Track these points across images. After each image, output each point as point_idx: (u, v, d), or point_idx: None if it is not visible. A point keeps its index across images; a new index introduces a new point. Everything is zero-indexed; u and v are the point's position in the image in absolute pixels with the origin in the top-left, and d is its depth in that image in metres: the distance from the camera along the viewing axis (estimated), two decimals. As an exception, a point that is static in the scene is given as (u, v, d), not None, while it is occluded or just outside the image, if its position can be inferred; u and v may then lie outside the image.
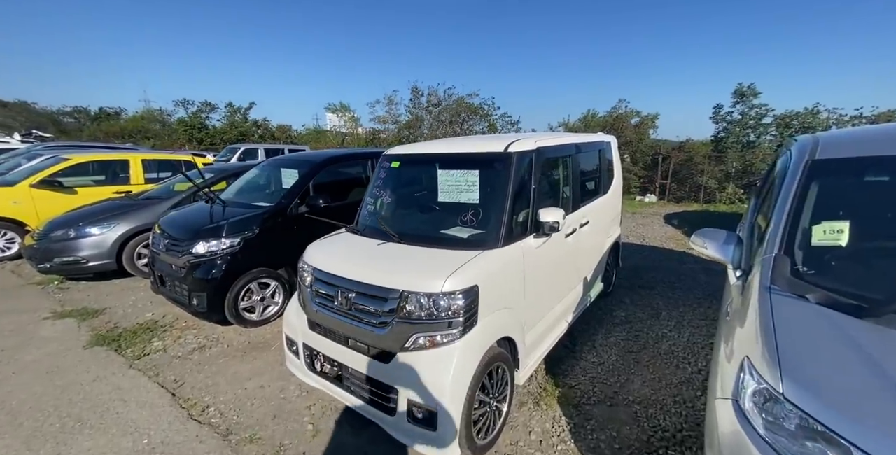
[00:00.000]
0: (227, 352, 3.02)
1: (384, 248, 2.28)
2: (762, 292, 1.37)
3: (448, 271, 1.91)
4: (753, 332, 1.27)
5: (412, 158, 2.76)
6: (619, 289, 4.18)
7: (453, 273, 1.90)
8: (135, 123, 28.34)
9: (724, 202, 11.42)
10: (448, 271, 1.91)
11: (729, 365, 1.34)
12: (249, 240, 3.37)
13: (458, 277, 1.89)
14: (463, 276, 1.90)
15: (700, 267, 4.98)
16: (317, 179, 4.02)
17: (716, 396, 1.32)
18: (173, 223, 3.58)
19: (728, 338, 1.49)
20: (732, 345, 1.40)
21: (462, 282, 1.89)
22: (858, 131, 2.86)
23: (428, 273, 1.94)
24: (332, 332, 2.19)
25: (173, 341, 3.14)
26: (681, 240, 6.54)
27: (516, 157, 2.34)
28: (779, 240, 1.53)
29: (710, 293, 4.07)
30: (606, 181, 3.73)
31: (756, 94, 12.60)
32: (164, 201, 4.82)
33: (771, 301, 1.32)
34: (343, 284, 2.12)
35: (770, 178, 2.79)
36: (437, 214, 2.54)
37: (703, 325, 3.33)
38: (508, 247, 2.20)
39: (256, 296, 3.46)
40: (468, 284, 1.90)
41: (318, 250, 2.46)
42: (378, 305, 1.98)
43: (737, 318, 1.50)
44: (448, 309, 1.87)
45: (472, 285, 1.92)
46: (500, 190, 2.29)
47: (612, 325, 3.39)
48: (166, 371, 2.72)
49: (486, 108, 16.42)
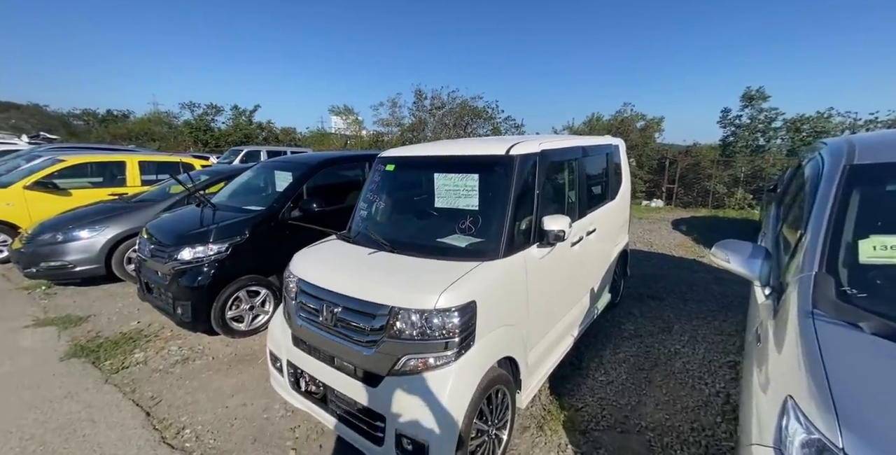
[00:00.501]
0: (212, 365, 2.85)
1: (375, 259, 2.11)
2: (803, 318, 1.18)
3: (443, 285, 1.73)
4: (796, 365, 1.08)
5: (408, 161, 2.59)
6: (626, 299, 3.97)
7: (448, 287, 1.72)
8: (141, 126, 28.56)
9: (734, 208, 11.16)
10: (443, 285, 1.73)
11: (766, 402, 1.14)
12: (238, 246, 3.21)
13: (453, 292, 1.71)
14: (459, 291, 1.73)
15: (712, 277, 4.75)
16: (311, 183, 3.87)
17: (751, 441, 1.12)
18: (160, 228, 3.43)
19: (761, 367, 1.30)
20: (768, 378, 1.21)
21: (458, 297, 1.71)
22: (892, 133, 2.65)
23: (420, 287, 1.76)
24: (317, 350, 2.01)
25: (156, 353, 2.98)
26: (690, 247, 6.31)
27: (519, 161, 2.16)
28: (818, 255, 1.34)
29: (724, 305, 3.85)
30: (614, 186, 3.55)
31: (765, 98, 12.36)
32: (157, 204, 4.69)
33: (815, 329, 1.12)
34: (328, 298, 1.95)
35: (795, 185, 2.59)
36: (434, 222, 2.37)
37: (719, 340, 3.12)
38: (510, 257, 2.02)
39: (245, 304, 3.29)
40: (465, 300, 1.72)
41: (304, 259, 2.29)
42: (365, 322, 1.81)
43: (771, 346, 1.30)
44: (442, 328, 1.69)
45: (470, 301, 1.74)
46: (502, 196, 2.12)
47: (620, 339, 3.18)
48: (144, 386, 2.55)
49: (489, 112, 16.29)
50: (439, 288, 1.72)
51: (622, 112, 17.94)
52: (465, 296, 1.74)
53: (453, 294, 1.71)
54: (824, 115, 12.05)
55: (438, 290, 1.71)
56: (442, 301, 1.68)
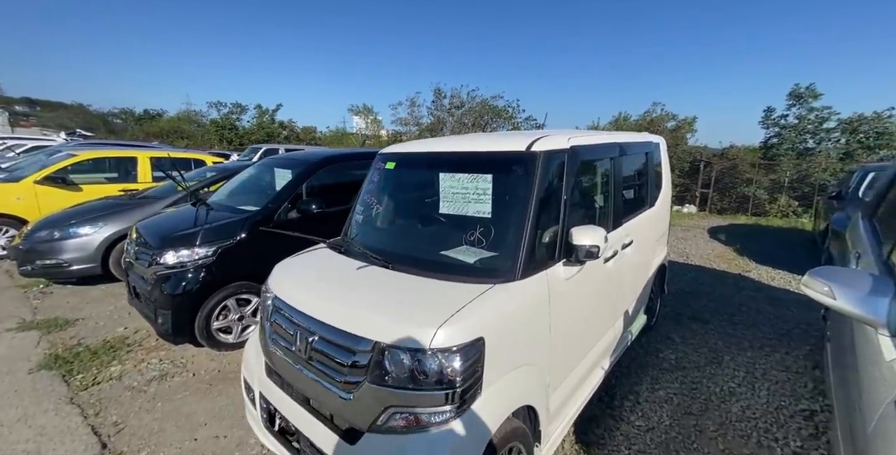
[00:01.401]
0: (190, 383, 2.56)
1: (364, 275, 1.73)
2: None
3: (441, 316, 1.34)
4: None
5: (411, 158, 2.21)
6: (664, 321, 3.46)
7: (449, 319, 1.32)
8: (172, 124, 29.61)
9: (776, 215, 10.22)
10: (441, 316, 1.34)
11: None
12: (228, 249, 2.92)
13: (455, 326, 1.31)
14: (463, 325, 1.33)
15: (763, 295, 4.15)
16: (312, 182, 3.56)
17: None
18: (148, 228, 3.19)
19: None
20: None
21: (461, 333, 1.31)
22: None
23: (413, 317, 1.37)
24: (290, 386, 1.66)
25: (134, 366, 2.72)
26: (732, 259, 5.65)
27: (542, 159, 1.74)
28: None
29: (783, 333, 3.27)
30: (654, 191, 3.05)
31: (816, 96, 11.32)
32: (159, 201, 4.51)
33: None
34: (304, 322, 1.59)
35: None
36: (438, 230, 1.98)
37: (785, 379, 2.58)
38: (529, 279, 1.60)
39: (234, 314, 3.00)
40: (470, 337, 1.32)
41: (283, 272, 1.95)
42: (343, 357, 1.43)
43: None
44: (440, 373, 1.30)
45: (476, 338, 1.34)
46: (520, 201, 1.71)
47: (659, 371, 2.69)
48: (111, 408, 2.27)
49: (510, 111, 15.78)
50: (437, 320, 1.33)
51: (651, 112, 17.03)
52: (471, 331, 1.34)
53: (455, 329, 1.31)
54: (883, 116, 10.90)
55: (436, 323, 1.31)
56: (440, 338, 1.29)
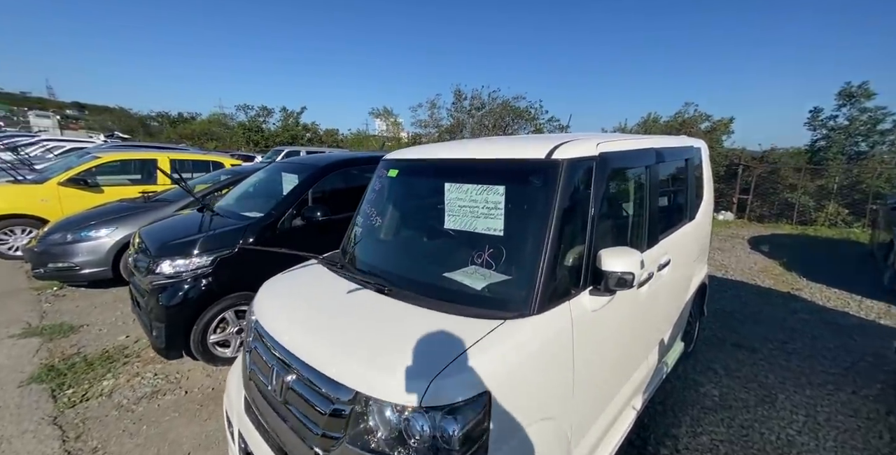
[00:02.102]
0: (182, 402, 2.41)
1: (354, 302, 1.50)
2: None
3: (437, 364, 1.08)
4: None
5: (413, 165, 1.96)
6: (704, 346, 3.06)
7: (446, 369, 1.07)
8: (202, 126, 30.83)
9: (825, 224, 9.35)
10: (437, 364, 1.08)
11: None
12: (227, 259, 2.77)
13: (453, 378, 1.06)
14: (463, 376, 1.07)
15: (818, 319, 3.65)
16: (320, 187, 3.39)
17: None
18: (151, 234, 3.09)
19: None
20: None
21: (460, 387, 1.06)
22: None
23: (402, 364, 1.12)
24: (265, 430, 1.44)
25: (127, 380, 2.60)
26: (779, 275, 5.10)
27: (565, 168, 1.46)
28: None
29: (846, 366, 2.81)
30: (694, 201, 2.68)
31: (869, 95, 10.35)
32: (172, 204, 4.49)
33: None
34: (283, 357, 1.37)
35: None
36: (440, 249, 1.73)
37: (854, 426, 2.16)
38: (549, 313, 1.33)
39: (232, 327, 2.85)
40: (471, 392, 1.06)
41: (269, 293, 1.75)
42: (322, 405, 1.20)
43: None
44: (432, 437, 1.04)
45: (479, 393, 1.07)
46: (538, 218, 1.43)
47: (700, 410, 2.33)
48: (93, 431, 2.14)
49: (532, 112, 15.34)
50: (432, 369, 1.07)
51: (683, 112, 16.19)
52: (474, 383, 1.07)
53: (454, 381, 1.06)
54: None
55: (430, 374, 1.06)
56: (435, 393, 1.03)
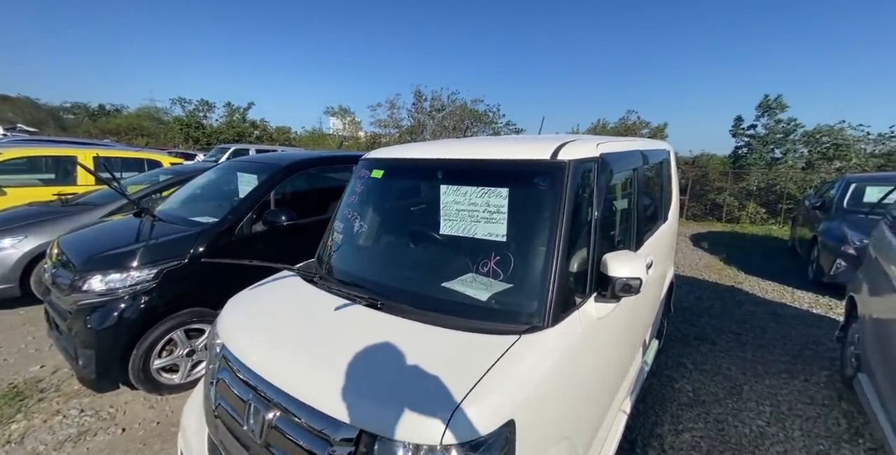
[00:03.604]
0: (118, 443, 2.02)
1: (343, 320, 1.32)
2: None
3: (457, 392, 0.95)
4: None
5: (404, 165, 1.81)
6: (671, 342, 3.20)
7: (468, 396, 0.94)
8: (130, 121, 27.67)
9: (747, 222, 10.50)
10: (457, 392, 0.95)
11: None
12: (173, 271, 2.40)
13: (475, 407, 0.93)
14: (486, 405, 0.95)
15: (762, 310, 4.00)
16: (283, 188, 3.09)
17: None
18: (74, 243, 2.60)
19: None
20: None
21: (485, 417, 0.93)
22: None
23: (414, 393, 0.97)
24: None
25: (44, 420, 2.14)
26: (721, 269, 5.57)
27: (571, 169, 1.40)
28: None
29: (794, 354, 3.09)
30: (667, 203, 2.80)
31: (784, 108, 11.79)
32: (98, 208, 3.87)
33: None
34: (261, 389, 1.16)
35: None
36: (438, 257, 1.60)
37: (814, 414, 2.34)
38: (563, 324, 1.25)
39: (181, 349, 2.47)
40: (497, 422, 0.94)
41: (237, 311, 1.50)
42: (317, 448, 1.01)
43: None
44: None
45: (506, 423, 0.96)
46: (547, 221, 1.36)
47: (678, 407, 2.40)
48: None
49: (490, 116, 15.66)
50: (449, 398, 0.94)
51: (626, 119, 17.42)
52: (500, 412, 0.96)
53: (477, 411, 0.93)
54: (835, 128, 11.50)
55: (450, 404, 0.93)
56: (455, 427, 0.90)
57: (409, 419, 0.92)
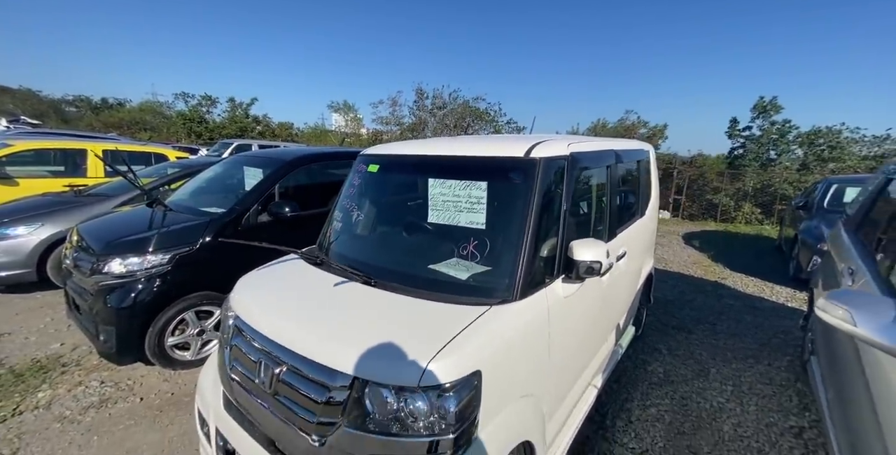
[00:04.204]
0: (136, 410, 2.24)
1: (341, 294, 1.52)
2: None
3: (432, 348, 1.15)
4: None
5: (396, 161, 2.01)
6: (649, 330, 3.41)
7: (441, 351, 1.14)
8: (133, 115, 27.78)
9: (742, 222, 10.68)
10: (432, 348, 1.15)
11: None
12: (186, 257, 2.61)
13: (447, 359, 1.13)
14: (457, 357, 1.15)
15: (741, 304, 4.21)
16: (287, 182, 3.29)
17: None
18: (93, 230, 2.81)
19: None
20: None
21: (455, 367, 1.14)
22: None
23: (398, 348, 1.18)
24: (251, 424, 1.42)
25: (68, 390, 2.36)
26: (708, 266, 5.78)
27: (542, 166, 1.60)
28: None
29: (763, 342, 3.30)
30: (644, 199, 3.00)
31: (778, 110, 11.95)
32: (109, 199, 4.08)
33: None
34: (270, 350, 1.36)
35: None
36: (425, 242, 1.80)
37: (771, 393, 2.56)
38: (528, 299, 1.45)
39: (192, 328, 2.68)
40: (465, 371, 1.15)
41: (248, 288, 1.70)
42: (316, 394, 1.22)
43: None
44: (430, 415, 1.11)
45: (472, 372, 1.16)
46: (518, 211, 1.55)
47: (648, 385, 2.62)
48: (33, 446, 1.93)
49: (491, 114, 15.79)
50: (427, 352, 1.14)
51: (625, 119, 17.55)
52: (466, 364, 1.16)
53: (448, 362, 1.13)
54: (833, 130, 11.66)
55: (426, 356, 1.13)
56: (431, 374, 1.10)
57: (393, 367, 1.13)
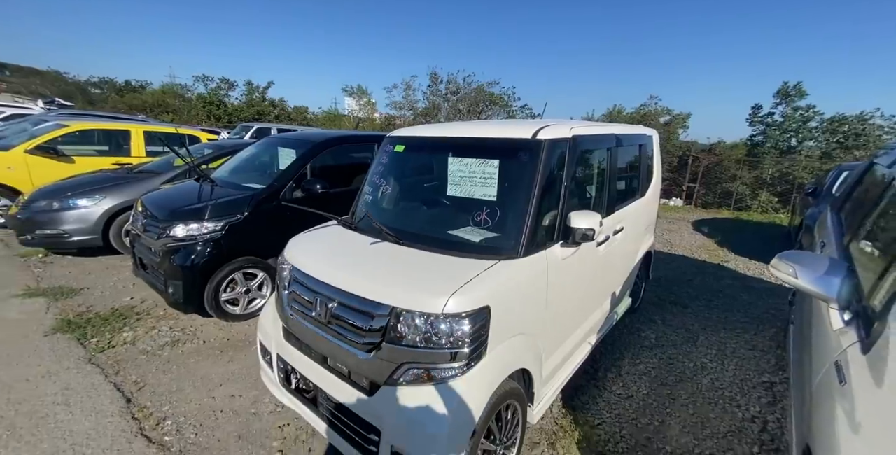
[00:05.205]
0: (202, 349, 2.69)
1: (377, 250, 1.87)
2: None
3: (453, 286, 1.49)
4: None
5: (420, 142, 2.31)
6: (647, 305, 3.70)
7: (459, 289, 1.48)
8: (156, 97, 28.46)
9: (757, 211, 10.63)
10: (453, 286, 1.49)
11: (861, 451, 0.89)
12: (235, 225, 3.01)
13: (464, 296, 1.47)
14: (471, 295, 1.48)
15: (739, 284, 4.44)
16: (316, 162, 3.63)
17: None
18: (155, 201, 3.24)
19: (852, 415, 1.03)
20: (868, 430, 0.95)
21: (470, 301, 1.47)
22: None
23: (426, 287, 1.52)
24: (309, 347, 1.81)
25: (145, 332, 2.83)
26: (714, 250, 5.96)
27: (547, 147, 1.88)
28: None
29: (754, 316, 3.56)
30: (645, 181, 3.23)
31: (803, 95, 11.59)
32: (158, 176, 4.51)
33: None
34: (323, 290, 1.73)
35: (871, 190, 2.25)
36: (445, 212, 2.11)
37: (751, 356, 2.85)
38: (530, 257, 1.76)
39: (241, 287, 3.11)
40: (477, 305, 1.48)
41: (299, 245, 2.07)
42: (363, 322, 1.58)
43: (869, 389, 1.04)
44: (450, 335, 1.46)
45: (483, 306, 1.50)
46: (524, 185, 1.84)
47: (640, 348, 2.94)
48: (129, 369, 2.40)
49: (506, 98, 15.71)
50: (448, 289, 1.48)
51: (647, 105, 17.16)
52: (478, 300, 1.50)
53: (464, 297, 1.47)
54: (865, 117, 11.27)
55: (447, 292, 1.47)
56: (451, 305, 1.44)
57: (423, 300, 1.47)
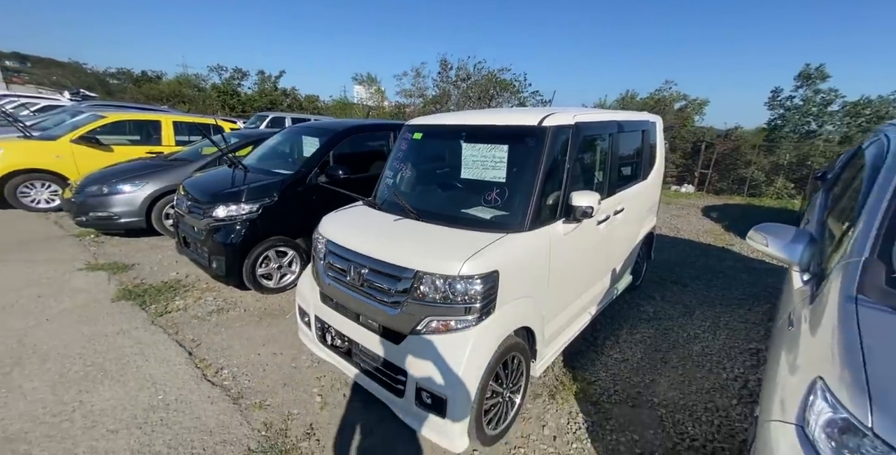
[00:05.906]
0: (244, 316, 3.05)
1: (400, 225, 2.14)
2: (845, 303, 1.14)
3: (467, 253, 1.75)
4: (830, 349, 1.06)
5: (436, 130, 2.55)
6: (648, 283, 3.92)
7: (472, 256, 1.74)
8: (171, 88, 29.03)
9: (772, 197, 10.53)
10: (467, 253, 1.75)
11: (793, 383, 1.14)
12: (268, 207, 3.33)
13: (477, 261, 1.73)
14: (483, 260, 1.75)
15: (742, 265, 4.61)
16: (338, 149, 3.90)
17: (772, 417, 1.13)
18: (196, 185, 3.57)
19: (791, 351, 1.28)
20: (797, 360, 1.20)
21: (481, 266, 1.74)
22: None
23: (445, 254, 1.79)
24: (343, 307, 2.11)
25: (194, 301, 3.21)
26: (720, 234, 6.08)
27: (551, 133, 2.10)
28: (871, 240, 1.27)
29: (751, 294, 3.75)
30: (647, 166, 3.40)
31: (825, 78, 11.27)
32: (190, 163, 4.86)
33: (858, 314, 1.09)
34: (356, 259, 2.02)
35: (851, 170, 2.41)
36: (459, 192, 2.37)
37: (742, 328, 3.07)
38: (534, 231, 2.01)
39: (274, 263, 3.45)
40: (488, 269, 1.75)
41: (332, 222, 2.36)
42: (391, 284, 1.87)
43: (805, 330, 1.27)
44: (465, 293, 1.74)
45: (493, 270, 1.76)
46: (530, 168, 2.08)
47: (638, 320, 3.18)
48: (185, 330, 2.78)
49: (516, 85, 15.58)
50: (464, 255, 1.75)
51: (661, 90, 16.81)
52: (489, 265, 1.76)
53: (477, 262, 1.73)
54: (887, 99, 10.92)
55: (463, 258, 1.73)
56: (466, 268, 1.71)
57: (442, 263, 1.75)
